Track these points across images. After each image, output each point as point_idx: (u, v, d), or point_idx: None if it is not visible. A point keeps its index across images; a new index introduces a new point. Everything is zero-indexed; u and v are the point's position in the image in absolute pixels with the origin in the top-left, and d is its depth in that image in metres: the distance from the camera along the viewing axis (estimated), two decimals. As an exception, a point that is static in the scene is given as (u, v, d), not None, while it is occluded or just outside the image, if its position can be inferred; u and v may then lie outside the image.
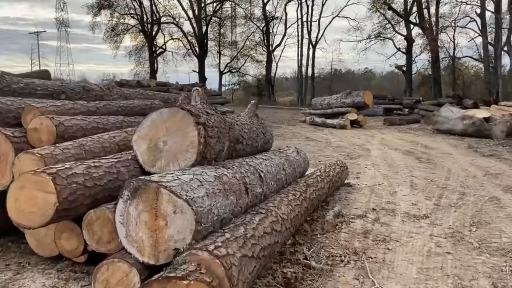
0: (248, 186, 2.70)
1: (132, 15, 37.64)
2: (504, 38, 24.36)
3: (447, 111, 11.66)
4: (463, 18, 27.16)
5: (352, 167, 6.51)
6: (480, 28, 25.31)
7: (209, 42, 38.04)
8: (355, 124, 14.52)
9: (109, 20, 36.67)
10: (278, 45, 37.45)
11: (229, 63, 38.67)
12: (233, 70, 39.20)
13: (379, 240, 3.16)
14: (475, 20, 28.60)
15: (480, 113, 10.55)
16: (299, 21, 35.39)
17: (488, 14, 24.85)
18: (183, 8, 36.72)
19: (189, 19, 36.88)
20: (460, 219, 3.82)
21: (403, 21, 28.36)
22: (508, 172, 6.15)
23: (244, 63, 39.77)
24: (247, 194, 2.66)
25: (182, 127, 2.59)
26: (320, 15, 34.45)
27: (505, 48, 24.20)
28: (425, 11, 26.50)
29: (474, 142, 9.93)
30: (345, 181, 5.38)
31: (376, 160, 7.51)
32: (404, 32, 29.02)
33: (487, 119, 10.31)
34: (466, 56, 30.18)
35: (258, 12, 37.45)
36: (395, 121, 15.66)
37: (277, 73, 40.68)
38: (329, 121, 14.58)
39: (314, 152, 8.45)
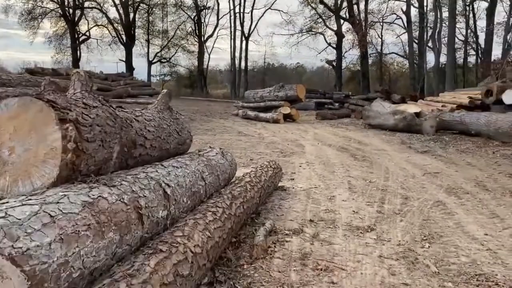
0: (144, 211, 1.89)
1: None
2: (428, 35, 25.47)
3: (378, 105, 11.58)
4: (390, 15, 28.09)
5: (286, 166, 5.90)
6: (406, 25, 26.27)
7: (137, 30, 36.00)
8: (288, 118, 14.12)
9: (24, 3, 33.31)
10: (211, 36, 36.50)
11: (158, 52, 36.93)
12: (163, 60, 37.51)
13: (321, 269, 2.51)
14: (401, 18, 29.78)
15: (411, 108, 10.53)
16: (232, 12, 34.63)
17: (413, 11, 25.84)
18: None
19: (115, 4, 34.58)
20: (408, 231, 3.31)
21: (334, 16, 28.71)
22: (446, 171, 5.90)
23: (175, 53, 38.27)
24: (142, 223, 1.85)
25: (38, 126, 1.72)
26: (252, 7, 33.97)
27: (430, 44, 25.30)
28: (355, 7, 27.00)
29: (406, 137, 9.87)
30: (279, 184, 4.74)
31: (310, 157, 6.99)
32: (335, 27, 29.42)
33: (417, 114, 10.30)
34: (392, 53, 31.39)
35: (189, 1, 36.08)
36: (327, 115, 15.51)
37: (210, 65, 39.75)
38: (262, 114, 14.03)
39: (245, 149, 7.77)
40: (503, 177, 5.53)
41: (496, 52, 26.41)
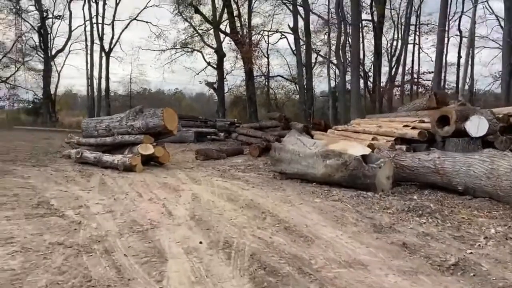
0: None
1: None
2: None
3: (295, 142, 7.19)
4: (275, 32, 24.97)
5: None
6: (294, 43, 23.31)
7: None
8: (152, 160, 9.00)
9: None
10: (61, 50, 29.32)
11: (-11, 69, 28.51)
12: (-5, 80, 29.10)
13: None
14: (285, 37, 26.95)
15: (352, 148, 6.29)
16: (88, 22, 28.23)
17: (300, 26, 22.94)
18: None
19: None
20: None
21: (213, 30, 24.46)
22: None
23: (16, 71, 30.08)
24: None
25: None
26: (113, 17, 28.10)
27: (334, 60, 22.17)
28: (237, 20, 23.16)
29: (356, 201, 5.57)
30: None
31: None
32: (214, 44, 25.24)
33: (364, 158, 6.10)
34: (278, 76, 28.31)
35: (28, 6, 28.63)
36: (212, 154, 10.74)
37: (62, 85, 32.29)
38: (107, 157, 8.64)
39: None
40: None
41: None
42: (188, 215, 4.84)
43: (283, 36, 26.92)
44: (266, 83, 28.00)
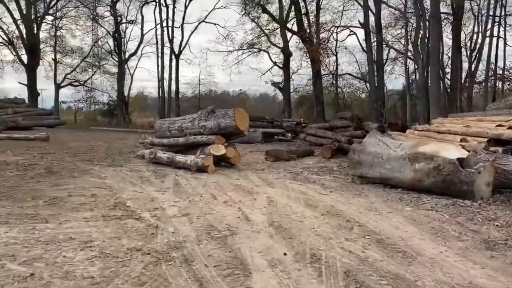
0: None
1: None
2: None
3: (377, 143, 6.62)
4: (345, 28, 24.09)
5: None
6: (365, 40, 22.30)
7: (42, 48, 29.38)
8: (223, 161, 8.85)
9: None
10: (134, 54, 30.62)
11: (69, 73, 30.41)
12: (75, 83, 30.98)
13: None
14: (355, 33, 26.00)
15: (446, 150, 5.61)
16: (159, 26, 29.21)
17: (371, 22, 21.91)
18: (4, 5, 27.45)
19: (15, 21, 27.65)
20: None
21: (279, 29, 24.14)
22: None
23: (93, 74, 31.90)
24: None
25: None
26: (183, 20, 28.80)
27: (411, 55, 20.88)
28: (305, 18, 22.63)
29: (453, 210, 4.93)
30: None
31: None
32: (281, 44, 24.91)
33: (461, 162, 5.41)
34: (346, 74, 27.34)
35: (104, 11, 30.19)
36: (282, 155, 10.39)
37: (134, 87, 33.76)
38: (180, 157, 8.61)
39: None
40: None
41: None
42: (267, 221, 4.52)
43: (352, 33, 26.02)
44: (334, 82, 27.15)
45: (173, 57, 28.69)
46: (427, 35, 18.79)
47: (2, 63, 29.93)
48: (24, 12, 27.31)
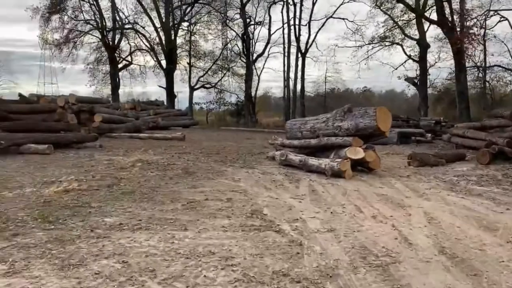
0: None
1: (88, 21, 31.34)
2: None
3: None
4: (494, 14, 20.91)
5: None
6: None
7: (178, 53, 31.72)
8: (359, 164, 8.02)
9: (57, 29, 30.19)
10: (261, 55, 31.18)
11: (201, 76, 32.27)
12: (207, 86, 32.77)
13: None
14: (507, 19, 22.48)
15: None
16: (286, 25, 29.21)
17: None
18: (147, 14, 30.33)
19: (156, 28, 30.36)
20: None
21: (415, 20, 21.99)
22: None
23: (223, 76, 33.41)
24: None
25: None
26: (310, 18, 28.30)
27: None
28: (446, 5, 20.15)
29: None
30: None
31: None
32: (416, 35, 22.71)
33: None
34: (495, 65, 23.77)
35: (234, 14, 31.25)
36: (428, 160, 9.09)
37: (260, 87, 34.36)
38: (313, 161, 8.02)
39: None
40: None
41: None
42: (434, 246, 3.64)
43: (502, 19, 22.49)
44: (482, 75, 23.86)
45: (299, 55, 28.46)
46: None
47: (145, 68, 33.13)
48: (164, 20, 29.80)
